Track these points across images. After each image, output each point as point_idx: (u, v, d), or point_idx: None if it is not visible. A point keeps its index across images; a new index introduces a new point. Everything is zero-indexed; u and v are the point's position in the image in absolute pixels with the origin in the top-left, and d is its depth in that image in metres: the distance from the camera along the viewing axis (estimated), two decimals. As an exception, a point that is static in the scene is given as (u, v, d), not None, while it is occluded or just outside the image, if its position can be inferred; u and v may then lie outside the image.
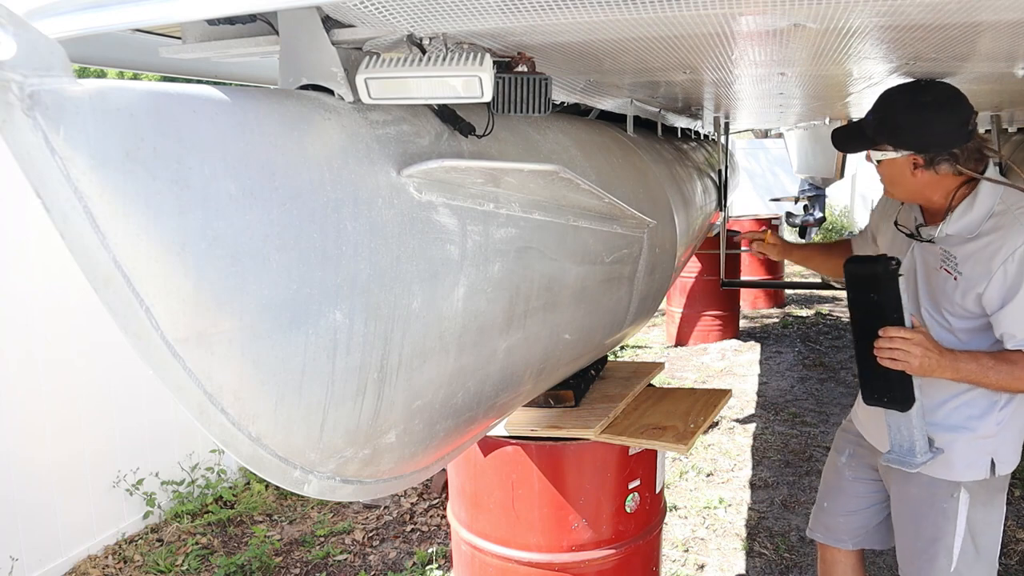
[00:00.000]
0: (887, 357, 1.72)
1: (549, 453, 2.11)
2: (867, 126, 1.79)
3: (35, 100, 0.72)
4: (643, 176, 2.44)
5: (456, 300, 1.24)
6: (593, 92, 2.31)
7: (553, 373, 1.84)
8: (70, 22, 0.99)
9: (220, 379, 0.90)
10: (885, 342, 1.72)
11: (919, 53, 1.62)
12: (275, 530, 3.80)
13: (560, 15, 1.05)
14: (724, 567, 3.37)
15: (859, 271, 1.82)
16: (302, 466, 1.05)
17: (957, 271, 1.77)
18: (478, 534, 2.23)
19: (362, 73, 1.08)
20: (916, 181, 1.79)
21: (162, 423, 3.86)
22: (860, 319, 1.82)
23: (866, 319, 1.79)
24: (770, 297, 8.63)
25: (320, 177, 1.00)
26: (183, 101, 0.87)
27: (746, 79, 2.20)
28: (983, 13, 1.15)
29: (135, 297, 0.80)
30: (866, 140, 1.80)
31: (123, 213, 0.78)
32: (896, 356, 1.70)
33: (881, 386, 1.79)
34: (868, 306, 1.78)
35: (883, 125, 1.76)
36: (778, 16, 1.18)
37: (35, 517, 3.27)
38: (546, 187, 1.43)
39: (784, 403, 5.46)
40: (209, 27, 1.20)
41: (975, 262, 1.74)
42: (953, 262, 1.79)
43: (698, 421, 2.21)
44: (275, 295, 0.93)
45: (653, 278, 2.27)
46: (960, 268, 1.77)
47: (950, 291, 1.79)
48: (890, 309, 1.75)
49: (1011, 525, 3.57)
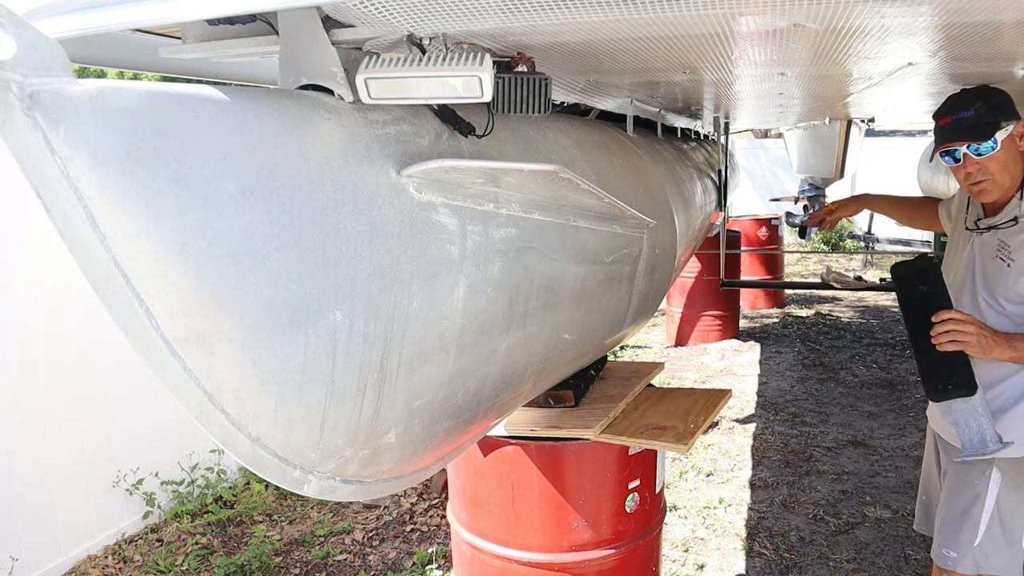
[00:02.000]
0: (946, 340, 1.84)
1: (549, 453, 2.10)
2: (981, 117, 1.90)
3: (35, 100, 0.72)
4: (643, 176, 2.44)
5: (456, 300, 1.24)
6: (593, 92, 2.31)
7: (553, 373, 1.84)
8: (70, 22, 0.99)
9: (220, 379, 0.90)
10: (941, 326, 1.85)
11: (919, 53, 1.62)
12: (275, 530, 3.80)
13: (560, 15, 1.05)
14: (724, 567, 3.37)
15: (907, 269, 2.01)
16: (302, 466, 1.05)
17: (1010, 258, 1.92)
18: (478, 534, 2.23)
19: (362, 73, 1.08)
20: (1020, 156, 1.93)
21: (162, 423, 3.86)
22: (914, 313, 1.95)
23: (920, 312, 1.92)
24: (770, 297, 8.63)
25: (320, 177, 1.00)
26: (183, 101, 0.87)
27: (746, 79, 2.20)
28: (982, 14, 1.15)
29: (135, 297, 0.80)
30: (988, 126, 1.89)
31: (123, 213, 0.78)
32: (954, 337, 1.83)
33: (944, 374, 1.89)
34: (920, 298, 1.94)
35: (995, 107, 1.90)
36: (778, 16, 1.18)
37: (35, 517, 3.27)
38: (546, 187, 1.43)
39: (784, 403, 5.46)
40: (209, 27, 1.20)
41: None
42: (1007, 250, 1.93)
43: (698, 421, 2.21)
44: (275, 295, 0.93)
45: (653, 278, 2.27)
46: (1013, 256, 1.92)
47: (1004, 277, 1.93)
48: (940, 296, 1.91)
49: (1011, 525, 3.57)
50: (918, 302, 1.95)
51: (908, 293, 1.99)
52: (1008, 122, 1.90)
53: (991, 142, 1.88)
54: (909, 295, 1.98)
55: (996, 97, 1.93)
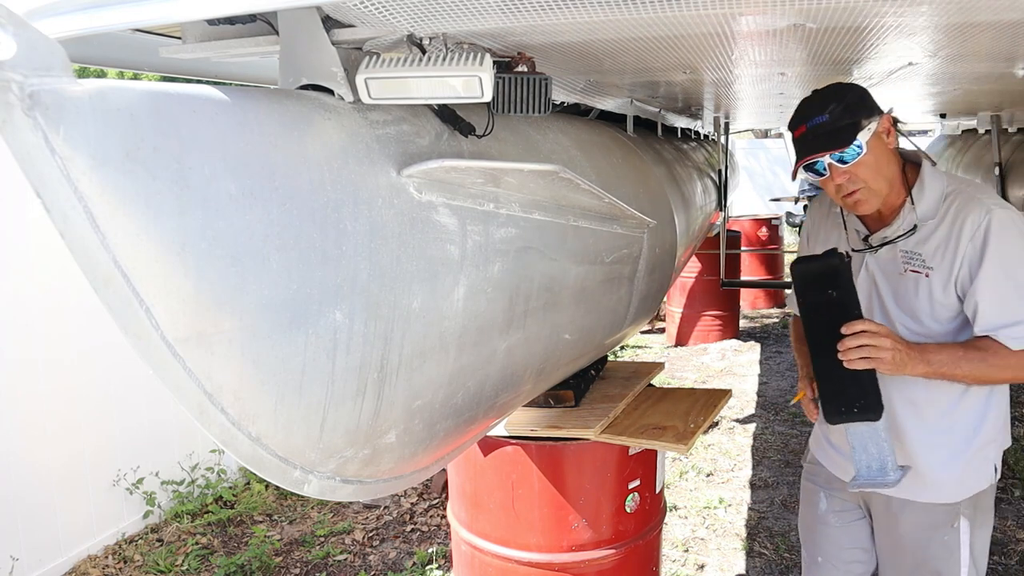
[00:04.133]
0: (857, 357, 1.57)
1: (549, 453, 2.11)
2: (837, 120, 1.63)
3: (35, 100, 0.72)
4: (643, 176, 2.44)
5: (456, 300, 1.24)
6: (593, 92, 2.31)
7: (553, 373, 1.84)
8: (70, 22, 0.99)
9: (220, 379, 0.90)
10: (852, 339, 1.57)
11: (919, 53, 1.62)
12: (275, 530, 3.80)
13: (560, 15, 1.05)
14: (724, 567, 3.37)
15: (814, 268, 1.66)
16: (302, 466, 1.05)
17: (927, 267, 1.66)
18: (478, 534, 2.23)
19: (362, 73, 1.08)
20: (892, 155, 1.68)
21: (162, 423, 3.86)
22: (818, 321, 1.65)
23: (826, 320, 1.63)
24: (770, 297, 8.63)
25: (320, 177, 1.00)
26: (183, 101, 0.87)
27: (746, 79, 2.20)
28: (982, 14, 1.15)
29: (135, 297, 0.80)
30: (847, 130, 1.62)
31: (123, 213, 0.78)
32: (866, 353, 1.56)
33: (851, 394, 1.62)
34: (827, 305, 1.63)
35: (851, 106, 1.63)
36: (778, 16, 1.18)
37: (35, 517, 3.27)
38: (546, 187, 1.43)
39: (784, 403, 5.46)
40: (209, 27, 1.20)
41: (944, 249, 1.64)
42: (919, 260, 1.68)
43: (698, 421, 2.21)
44: (275, 295, 0.93)
45: (653, 278, 2.27)
46: (930, 263, 1.66)
47: (924, 291, 1.67)
48: (851, 305, 1.61)
49: (1011, 525, 3.57)
50: (824, 308, 1.63)
51: (812, 297, 1.66)
52: (869, 119, 1.62)
53: (855, 147, 1.60)
54: (813, 300, 1.66)
55: (851, 94, 1.65)
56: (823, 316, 1.64)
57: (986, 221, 1.59)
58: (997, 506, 1.88)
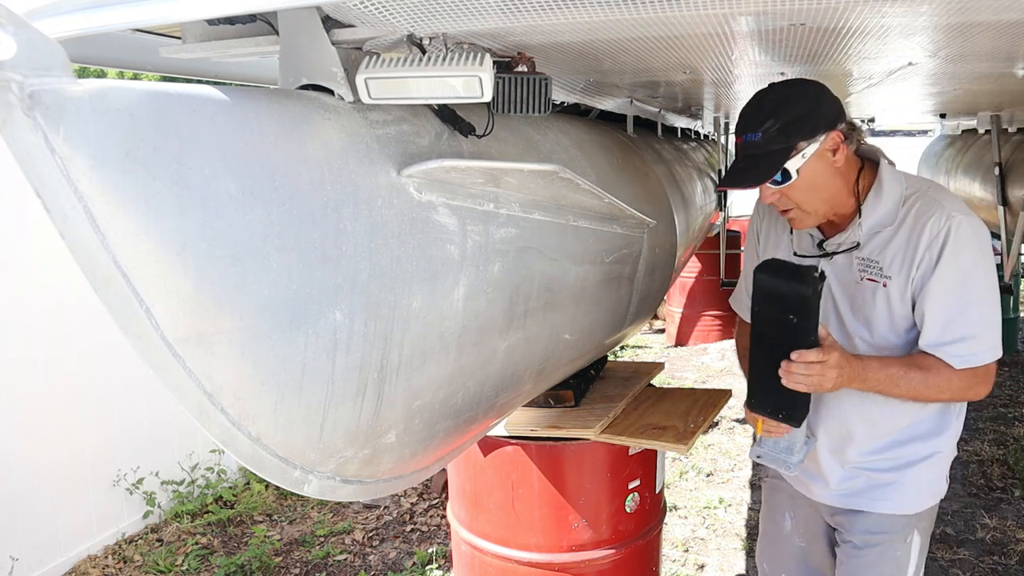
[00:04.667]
0: (797, 382, 1.50)
1: (549, 453, 2.11)
2: (770, 142, 1.51)
3: (35, 100, 0.72)
4: (643, 176, 2.44)
5: (456, 300, 1.24)
6: (593, 92, 2.31)
7: (553, 373, 1.84)
8: (70, 22, 0.99)
9: (220, 379, 0.90)
10: (800, 367, 1.48)
11: (919, 53, 1.62)
12: (275, 530, 3.80)
13: (560, 15, 1.05)
14: (724, 567, 3.37)
15: (782, 289, 1.48)
16: (302, 466, 1.05)
17: (885, 276, 1.58)
18: (478, 534, 2.23)
19: (362, 73, 1.08)
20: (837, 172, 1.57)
21: (162, 423, 3.86)
22: (769, 336, 1.55)
23: (777, 338, 1.52)
24: (770, 297, 8.62)
25: (320, 177, 1.00)
26: (183, 101, 0.87)
27: (746, 79, 2.20)
28: (983, 13, 1.15)
29: (135, 297, 0.80)
30: (776, 156, 1.51)
31: (123, 213, 0.78)
32: (811, 383, 1.49)
33: (779, 400, 1.56)
34: (782, 326, 1.50)
35: (789, 125, 1.50)
36: (778, 16, 1.18)
37: (35, 517, 3.27)
38: (546, 187, 1.43)
39: (784, 403, 5.45)
40: (209, 27, 1.20)
41: (903, 256, 1.56)
42: (876, 268, 1.59)
43: (698, 421, 2.21)
44: (275, 295, 0.93)
45: (653, 278, 2.27)
46: (888, 272, 1.57)
47: (883, 301, 1.59)
48: (808, 332, 1.48)
49: (1011, 525, 3.57)
50: (778, 327, 1.51)
51: (769, 313, 1.52)
52: (810, 140, 1.50)
53: (785, 173, 1.51)
54: (769, 315, 1.52)
55: (795, 108, 1.51)
56: (775, 333, 1.53)
57: (946, 229, 1.52)
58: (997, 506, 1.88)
